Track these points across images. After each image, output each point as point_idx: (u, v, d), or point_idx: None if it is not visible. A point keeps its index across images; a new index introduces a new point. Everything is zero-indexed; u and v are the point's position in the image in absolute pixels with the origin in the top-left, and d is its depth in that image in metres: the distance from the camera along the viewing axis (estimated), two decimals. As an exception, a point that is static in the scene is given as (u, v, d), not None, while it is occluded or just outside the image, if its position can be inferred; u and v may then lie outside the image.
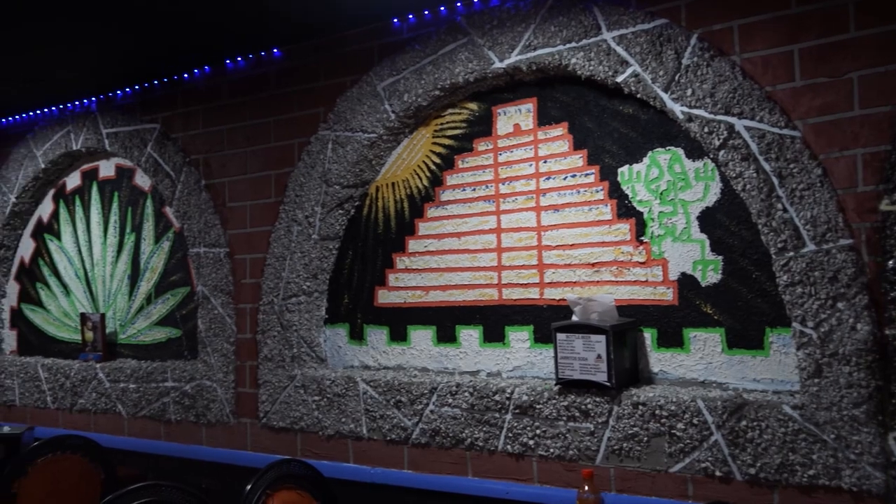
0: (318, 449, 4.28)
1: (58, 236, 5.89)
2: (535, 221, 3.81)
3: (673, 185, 3.46)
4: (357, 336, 4.36)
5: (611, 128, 3.62)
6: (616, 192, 3.60)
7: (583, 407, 3.46)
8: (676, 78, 3.33)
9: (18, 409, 5.83)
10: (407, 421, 3.96)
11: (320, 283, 4.42)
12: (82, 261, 5.72)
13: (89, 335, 5.48)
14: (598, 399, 3.43)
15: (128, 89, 5.27)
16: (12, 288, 6.17)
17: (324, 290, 4.44)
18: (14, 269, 6.16)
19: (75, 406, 5.45)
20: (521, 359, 3.83)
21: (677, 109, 3.34)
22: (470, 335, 3.99)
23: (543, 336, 3.76)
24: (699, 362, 3.39)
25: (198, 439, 4.81)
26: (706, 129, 3.27)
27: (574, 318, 3.54)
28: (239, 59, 4.72)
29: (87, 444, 4.53)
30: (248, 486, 3.45)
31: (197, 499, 3.18)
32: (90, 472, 4.57)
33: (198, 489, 3.30)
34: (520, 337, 3.83)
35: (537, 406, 3.57)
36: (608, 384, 3.39)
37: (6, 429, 4.87)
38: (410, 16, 4.08)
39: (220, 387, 4.68)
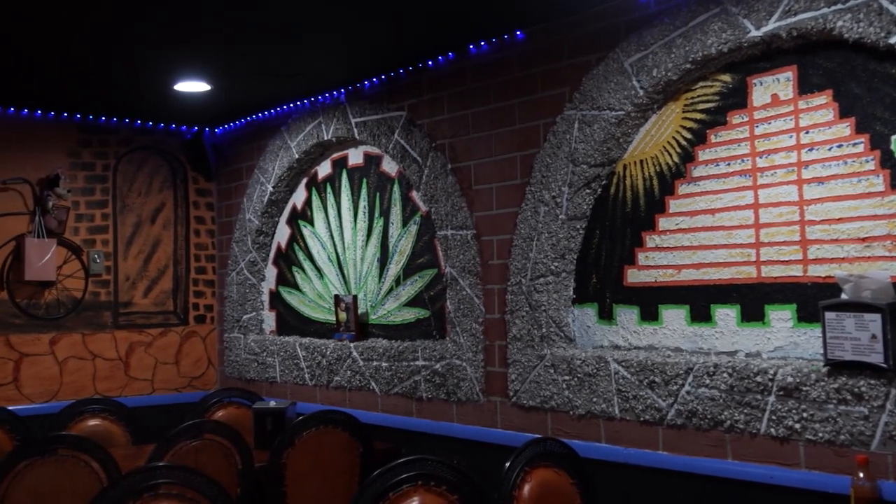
0: (568, 428, 4.29)
1: (311, 222, 6.22)
2: (796, 195, 3.63)
3: (956, 151, 3.20)
4: (606, 316, 4.33)
5: (882, 93, 3.38)
6: (889, 162, 3.37)
7: (855, 389, 3.27)
8: (961, 35, 3.07)
9: (279, 384, 6.22)
10: (661, 402, 3.89)
11: (568, 264, 4.42)
12: (334, 245, 6.01)
13: (343, 316, 5.76)
14: (872, 381, 3.23)
15: (375, 79, 5.48)
16: (270, 272, 6.58)
17: (571, 270, 4.44)
18: (272, 255, 6.57)
19: (331, 383, 5.75)
20: (783, 339, 3.66)
21: (962, 69, 3.08)
22: (726, 314, 3.86)
23: (808, 315, 3.58)
24: None
25: (448, 416, 4.95)
26: None
27: (844, 296, 3.35)
28: (482, 43, 4.79)
29: (348, 419, 4.78)
30: (508, 464, 3.51)
31: (461, 474, 3.27)
32: (350, 446, 4.81)
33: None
34: (781, 316, 3.67)
35: (804, 388, 3.41)
36: (884, 366, 3.19)
37: (272, 403, 5.21)
38: (658, -12, 4.00)
39: (470, 366, 4.78)
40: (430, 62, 5.11)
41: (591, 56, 4.28)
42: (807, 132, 3.60)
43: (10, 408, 5.46)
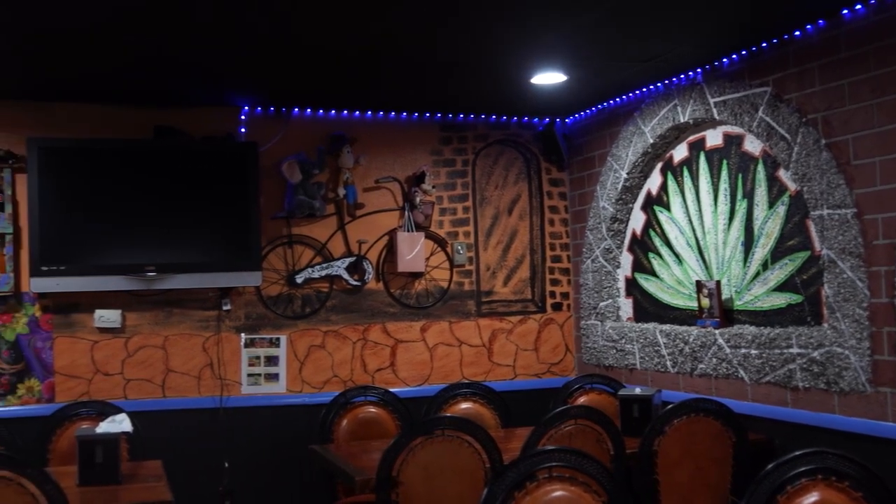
0: (976, 424, 3.88)
1: (667, 207, 6.12)
2: None
3: None
4: None
5: None
6: None
7: None
8: None
9: (639, 371, 6.19)
10: None
11: (970, 241, 3.99)
12: (693, 230, 5.86)
13: (705, 302, 5.60)
14: None
15: (734, 55, 5.27)
16: (626, 259, 6.56)
17: (975, 248, 4.00)
18: (626, 241, 6.55)
19: (695, 371, 5.62)
20: None
21: None
22: None
23: None
24: None
25: (828, 407, 4.65)
26: None
27: None
28: (858, 6, 4.44)
29: (720, 408, 4.66)
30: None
31: (866, 469, 3.05)
32: (722, 435, 4.70)
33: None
34: None
35: None
36: None
37: (637, 391, 5.20)
38: None
39: (854, 354, 4.46)
40: (796, 32, 4.82)
41: None
42: None
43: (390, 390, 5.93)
